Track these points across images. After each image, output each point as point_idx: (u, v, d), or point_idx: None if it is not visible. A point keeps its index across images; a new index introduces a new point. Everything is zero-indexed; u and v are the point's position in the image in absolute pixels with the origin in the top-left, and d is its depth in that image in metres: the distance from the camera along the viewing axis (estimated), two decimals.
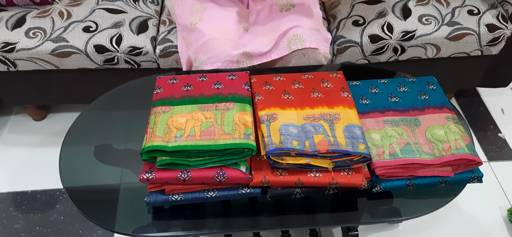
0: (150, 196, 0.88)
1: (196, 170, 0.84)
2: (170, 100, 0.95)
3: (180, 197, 0.87)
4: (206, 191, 0.88)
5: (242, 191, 0.88)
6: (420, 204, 0.94)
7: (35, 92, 1.55)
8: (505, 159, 1.61)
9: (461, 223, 1.42)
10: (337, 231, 1.38)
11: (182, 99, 0.95)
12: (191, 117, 0.90)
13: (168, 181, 0.85)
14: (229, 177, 0.84)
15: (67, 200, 1.47)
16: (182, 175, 0.84)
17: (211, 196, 0.88)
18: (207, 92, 0.97)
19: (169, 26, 1.45)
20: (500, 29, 1.41)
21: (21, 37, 1.37)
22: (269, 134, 0.85)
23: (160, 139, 0.85)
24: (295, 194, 0.89)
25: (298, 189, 0.88)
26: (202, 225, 0.91)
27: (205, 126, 0.88)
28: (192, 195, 0.88)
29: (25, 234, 1.39)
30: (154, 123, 0.89)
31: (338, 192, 0.91)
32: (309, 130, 0.87)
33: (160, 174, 0.84)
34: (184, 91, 0.98)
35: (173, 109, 0.92)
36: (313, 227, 1.17)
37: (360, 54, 1.43)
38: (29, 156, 1.62)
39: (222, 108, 0.93)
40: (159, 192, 0.88)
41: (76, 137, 1.06)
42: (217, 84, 0.99)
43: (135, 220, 0.92)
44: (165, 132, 0.87)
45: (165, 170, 0.84)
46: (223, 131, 0.86)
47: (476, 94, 1.87)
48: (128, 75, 1.46)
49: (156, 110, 0.93)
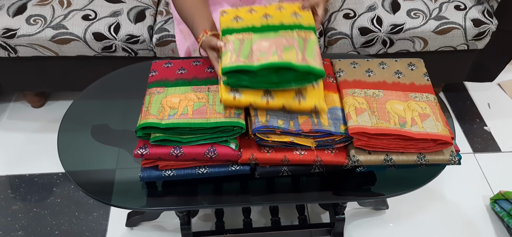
0: (144, 171, 0.92)
1: (188, 146, 0.88)
2: (164, 82, 1.00)
3: (173, 173, 0.92)
4: (198, 168, 0.92)
5: (232, 168, 0.92)
6: (403, 184, 0.98)
7: (34, 79, 1.59)
8: (490, 151, 1.66)
9: (446, 210, 1.47)
10: (325, 216, 1.43)
11: (176, 81, 1.00)
12: (184, 98, 0.94)
13: (161, 156, 0.89)
14: (220, 153, 0.89)
15: (64, 183, 1.51)
16: (174, 151, 0.88)
17: (202, 172, 0.92)
18: (200, 75, 1.02)
19: (165, 16, 1.50)
20: (486, 24, 1.46)
21: (22, 24, 1.41)
22: (256, 113, 0.90)
23: (154, 117, 0.89)
24: (283, 172, 0.93)
25: (285, 167, 0.93)
26: (194, 201, 0.95)
27: (198, 106, 0.92)
28: (184, 171, 0.92)
29: (23, 215, 1.43)
30: (148, 103, 0.93)
31: (323, 171, 0.95)
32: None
33: (153, 150, 0.88)
34: (178, 74, 1.02)
35: (167, 90, 0.97)
36: (300, 203, 1.21)
37: (350, 46, 1.48)
38: (27, 142, 1.66)
39: (214, 90, 0.97)
40: (152, 168, 0.92)
41: (73, 120, 1.10)
42: (210, 68, 1.04)
43: (131, 195, 0.96)
44: (159, 111, 0.91)
45: (158, 146, 0.88)
46: (214, 111, 0.91)
47: (464, 88, 1.93)
48: (125, 63, 1.48)
49: (151, 91, 0.97)
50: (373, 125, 0.90)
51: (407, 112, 0.94)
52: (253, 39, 0.93)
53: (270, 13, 1.01)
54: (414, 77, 1.03)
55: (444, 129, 0.91)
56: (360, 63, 1.07)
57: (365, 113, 0.93)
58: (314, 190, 0.99)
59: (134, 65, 1.23)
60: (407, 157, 0.91)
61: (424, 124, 0.92)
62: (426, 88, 1.01)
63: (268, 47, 0.90)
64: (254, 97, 0.87)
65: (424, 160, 0.91)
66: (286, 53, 0.88)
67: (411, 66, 1.06)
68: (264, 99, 0.87)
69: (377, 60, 1.08)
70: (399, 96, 0.98)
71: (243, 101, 0.87)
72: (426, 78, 1.03)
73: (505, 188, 1.46)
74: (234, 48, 0.91)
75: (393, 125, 0.91)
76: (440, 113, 0.95)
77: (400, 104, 0.95)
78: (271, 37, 0.93)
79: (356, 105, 0.95)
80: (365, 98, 0.97)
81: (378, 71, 1.04)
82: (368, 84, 1.01)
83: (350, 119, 0.91)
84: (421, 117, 0.93)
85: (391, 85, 1.01)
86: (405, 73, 1.04)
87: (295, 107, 0.88)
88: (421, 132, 0.89)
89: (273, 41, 0.91)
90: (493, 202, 1.47)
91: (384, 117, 0.92)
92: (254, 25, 0.97)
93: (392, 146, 0.90)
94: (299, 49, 0.89)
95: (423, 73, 1.04)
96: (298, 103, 0.88)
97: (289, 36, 0.93)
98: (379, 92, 0.99)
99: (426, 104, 0.96)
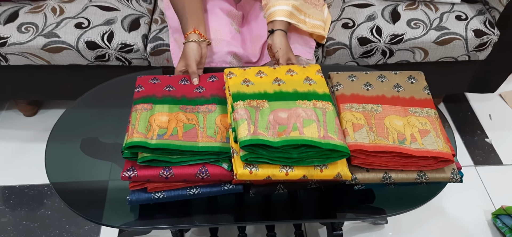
0: (132, 194, 0.87)
1: (178, 167, 0.84)
2: (151, 98, 0.95)
3: (163, 195, 0.87)
4: (189, 189, 0.88)
5: (225, 188, 0.88)
6: (404, 201, 0.95)
7: (26, 87, 1.55)
8: (491, 163, 1.63)
9: (446, 225, 1.43)
10: (322, 231, 1.39)
11: (164, 98, 0.96)
12: (173, 117, 0.90)
13: (150, 179, 0.84)
14: (212, 173, 0.84)
15: (55, 195, 1.47)
16: (164, 172, 0.83)
17: (193, 193, 0.88)
18: (189, 95, 0.98)
19: (161, 25, 1.46)
20: (487, 34, 1.43)
21: (13, 32, 1.37)
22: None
23: (142, 136, 0.85)
24: (278, 189, 0.90)
25: (280, 184, 0.89)
26: (186, 220, 0.91)
27: (188, 128, 0.88)
28: (175, 193, 0.88)
29: (12, 228, 1.39)
30: (136, 120, 0.89)
31: (321, 186, 0.92)
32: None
33: (142, 171, 0.84)
34: (166, 91, 0.98)
35: (155, 107, 0.93)
36: (297, 222, 1.17)
37: (349, 56, 1.44)
38: (19, 151, 1.62)
39: (203, 110, 0.93)
40: (141, 191, 0.88)
41: (63, 132, 1.06)
42: (199, 89, 1.00)
43: (122, 213, 0.92)
44: (147, 129, 0.87)
45: (147, 168, 0.84)
46: (205, 134, 0.88)
47: (465, 99, 1.90)
48: (119, 72, 1.47)
49: (137, 107, 0.93)
50: (371, 142, 0.87)
51: (406, 128, 0.91)
52: (268, 108, 0.88)
53: (281, 77, 0.97)
54: (414, 91, 1.00)
55: (445, 146, 0.88)
56: (358, 76, 1.04)
57: (363, 129, 0.90)
58: (311, 207, 0.96)
59: (128, 75, 1.20)
60: (406, 175, 0.88)
61: (424, 140, 0.88)
62: (427, 102, 0.97)
63: (287, 119, 0.86)
64: (272, 169, 0.82)
65: (425, 178, 0.88)
66: (307, 129, 0.83)
67: (411, 79, 1.03)
68: (283, 170, 0.82)
69: (376, 73, 1.04)
70: (398, 111, 0.95)
71: (260, 174, 0.81)
72: (427, 91, 1.00)
73: (507, 203, 1.43)
74: (251, 117, 0.85)
75: (392, 142, 0.87)
76: (441, 128, 0.92)
77: (399, 120, 0.92)
78: (288, 107, 0.89)
79: (354, 121, 0.91)
80: (363, 113, 0.94)
81: (377, 85, 1.01)
82: (367, 98, 0.98)
83: (347, 135, 0.88)
84: (421, 133, 0.90)
85: (390, 99, 0.98)
86: (405, 86, 1.01)
87: (317, 177, 0.84)
88: (420, 150, 0.86)
89: (291, 112, 0.87)
90: (495, 217, 1.43)
91: (383, 133, 0.89)
92: (267, 91, 0.93)
93: (391, 164, 0.87)
94: (320, 124, 0.85)
95: (424, 87, 1.01)
96: (320, 172, 0.83)
97: (307, 106, 0.89)
98: (377, 107, 0.95)
99: (426, 120, 0.93)
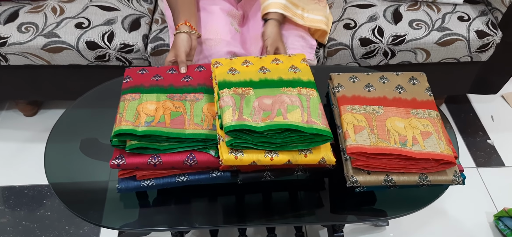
0: (121, 182, 0.88)
1: (166, 154, 0.85)
2: (139, 88, 0.96)
3: (152, 182, 0.88)
4: (177, 176, 0.88)
5: (213, 175, 0.89)
6: (405, 203, 0.94)
7: (26, 87, 1.55)
8: (493, 165, 1.62)
9: (448, 228, 1.43)
10: (323, 233, 1.39)
11: (152, 88, 0.97)
12: (161, 105, 0.91)
13: (138, 166, 0.85)
14: (199, 160, 0.85)
15: (55, 196, 1.45)
16: (152, 159, 0.84)
17: (182, 180, 0.88)
18: (176, 83, 0.99)
19: (161, 25, 1.46)
20: (490, 35, 1.42)
21: (13, 32, 1.37)
22: None
23: (129, 124, 0.86)
24: (265, 176, 0.90)
25: (267, 171, 0.90)
26: (186, 221, 0.91)
27: (175, 115, 0.90)
28: (163, 180, 0.88)
29: (11, 229, 1.38)
30: (123, 109, 0.90)
31: (308, 173, 0.93)
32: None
33: (130, 159, 0.84)
34: (153, 80, 0.99)
35: (142, 96, 0.93)
36: (298, 225, 1.17)
37: (350, 57, 1.44)
38: (18, 151, 1.61)
39: (191, 98, 0.95)
40: (130, 179, 0.88)
41: (62, 132, 1.06)
42: (187, 77, 1.01)
43: (122, 214, 0.92)
44: (134, 117, 0.88)
45: (135, 156, 0.85)
46: (192, 122, 0.89)
47: (467, 100, 1.89)
48: (119, 72, 1.45)
49: (125, 97, 0.94)
50: (372, 144, 0.86)
51: (408, 130, 0.90)
52: (253, 95, 0.90)
53: (266, 66, 0.99)
54: (416, 93, 0.99)
55: (447, 148, 0.87)
56: (359, 77, 1.03)
57: (364, 131, 0.89)
58: (312, 209, 0.95)
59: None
60: (408, 178, 0.87)
61: (426, 143, 0.88)
62: (429, 104, 0.97)
63: (271, 105, 0.87)
64: (257, 154, 0.83)
65: (426, 180, 0.87)
66: (291, 114, 0.85)
67: (413, 80, 1.02)
68: (268, 155, 0.83)
69: (378, 74, 1.04)
70: (400, 113, 0.94)
71: (246, 160, 0.83)
72: (429, 93, 0.99)
73: (509, 205, 1.42)
74: (235, 104, 0.87)
75: (393, 144, 0.87)
76: (443, 130, 0.91)
77: (401, 122, 0.92)
78: (273, 94, 0.90)
79: (355, 123, 0.91)
80: (364, 115, 0.93)
81: (379, 86, 1.00)
82: (368, 100, 0.97)
83: (348, 138, 0.87)
84: (423, 135, 0.89)
85: (391, 101, 0.97)
86: (407, 88, 1.00)
87: (302, 161, 0.85)
88: (422, 152, 0.85)
89: (276, 98, 0.89)
90: (497, 219, 1.42)
91: (384, 135, 0.88)
92: (252, 79, 0.95)
93: (393, 166, 0.86)
94: (304, 109, 0.87)
95: (426, 88, 1.00)
96: (304, 157, 0.84)
97: (291, 93, 0.91)
98: (379, 108, 0.95)
99: (428, 122, 0.92)
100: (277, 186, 0.96)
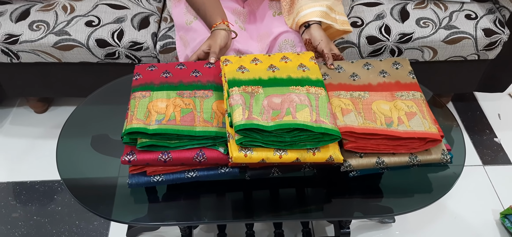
0: (132, 178, 0.90)
1: (176, 151, 0.87)
2: (149, 85, 0.98)
3: (161, 178, 0.90)
4: (187, 172, 0.90)
5: (221, 171, 0.90)
6: (411, 201, 0.95)
7: (37, 84, 1.57)
8: (500, 163, 1.62)
9: (454, 225, 1.43)
10: (330, 229, 1.40)
11: (162, 85, 0.98)
12: (171, 103, 0.93)
13: (149, 162, 0.87)
14: (209, 157, 0.87)
15: (65, 191, 1.49)
16: (162, 156, 0.86)
17: (191, 176, 0.90)
18: (186, 79, 1.00)
19: (170, 23, 1.48)
20: (497, 34, 1.42)
21: (24, 30, 1.39)
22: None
23: (140, 122, 0.87)
24: (273, 173, 0.92)
25: (275, 168, 0.91)
26: (196, 216, 0.93)
27: (185, 112, 0.91)
28: (173, 176, 0.90)
29: (23, 223, 1.41)
30: (134, 107, 0.92)
31: (315, 171, 0.94)
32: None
33: (141, 155, 0.86)
34: (163, 77, 1.00)
35: (153, 94, 0.95)
36: (305, 220, 1.18)
37: (357, 55, 1.45)
38: (30, 148, 1.64)
39: (200, 95, 0.96)
40: (141, 174, 0.90)
41: (74, 129, 1.08)
42: (196, 72, 1.02)
43: (131, 209, 0.94)
44: (145, 116, 0.89)
45: (146, 152, 0.87)
46: (202, 119, 0.90)
47: (473, 98, 1.89)
48: (128, 70, 1.47)
49: (136, 95, 0.95)
50: (359, 125, 0.89)
51: (393, 112, 0.93)
52: (262, 94, 0.91)
53: (275, 64, 1.00)
54: (399, 76, 1.02)
55: (431, 127, 0.89)
56: (344, 66, 1.05)
57: (351, 113, 0.92)
58: (319, 205, 0.96)
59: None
60: (399, 159, 0.89)
61: (411, 122, 0.90)
62: (412, 86, 1.00)
63: (280, 104, 0.89)
64: (266, 152, 0.84)
65: (416, 160, 0.89)
66: (300, 113, 0.87)
67: (396, 65, 1.05)
68: (277, 153, 0.85)
69: (362, 61, 1.07)
70: (385, 96, 0.97)
71: (255, 157, 0.84)
72: (412, 76, 1.02)
73: None
74: (245, 103, 0.89)
75: (380, 125, 0.89)
76: (428, 110, 0.94)
77: (386, 104, 0.95)
78: (282, 93, 0.92)
79: (342, 106, 0.94)
80: (351, 99, 0.96)
81: (363, 73, 1.03)
82: (354, 86, 1.00)
83: (336, 119, 0.90)
84: (408, 116, 0.92)
85: (376, 86, 1.00)
86: (390, 72, 1.03)
87: (310, 159, 0.86)
88: (408, 131, 0.88)
89: (285, 97, 0.90)
90: (503, 216, 1.42)
91: (370, 117, 0.91)
92: (261, 78, 0.96)
93: (382, 147, 0.88)
94: (313, 109, 0.88)
95: (409, 71, 1.03)
96: (312, 155, 0.85)
97: (300, 91, 0.92)
98: (365, 93, 0.98)
99: (413, 102, 0.95)
100: (285, 182, 0.97)
